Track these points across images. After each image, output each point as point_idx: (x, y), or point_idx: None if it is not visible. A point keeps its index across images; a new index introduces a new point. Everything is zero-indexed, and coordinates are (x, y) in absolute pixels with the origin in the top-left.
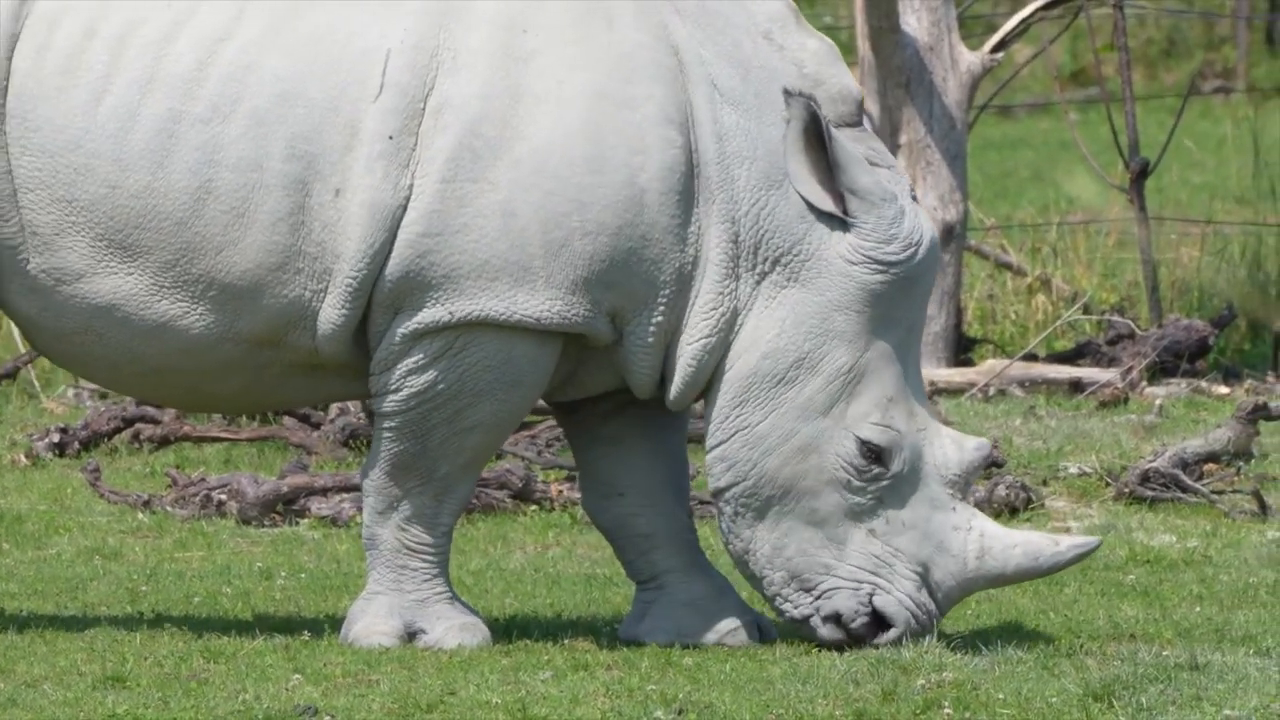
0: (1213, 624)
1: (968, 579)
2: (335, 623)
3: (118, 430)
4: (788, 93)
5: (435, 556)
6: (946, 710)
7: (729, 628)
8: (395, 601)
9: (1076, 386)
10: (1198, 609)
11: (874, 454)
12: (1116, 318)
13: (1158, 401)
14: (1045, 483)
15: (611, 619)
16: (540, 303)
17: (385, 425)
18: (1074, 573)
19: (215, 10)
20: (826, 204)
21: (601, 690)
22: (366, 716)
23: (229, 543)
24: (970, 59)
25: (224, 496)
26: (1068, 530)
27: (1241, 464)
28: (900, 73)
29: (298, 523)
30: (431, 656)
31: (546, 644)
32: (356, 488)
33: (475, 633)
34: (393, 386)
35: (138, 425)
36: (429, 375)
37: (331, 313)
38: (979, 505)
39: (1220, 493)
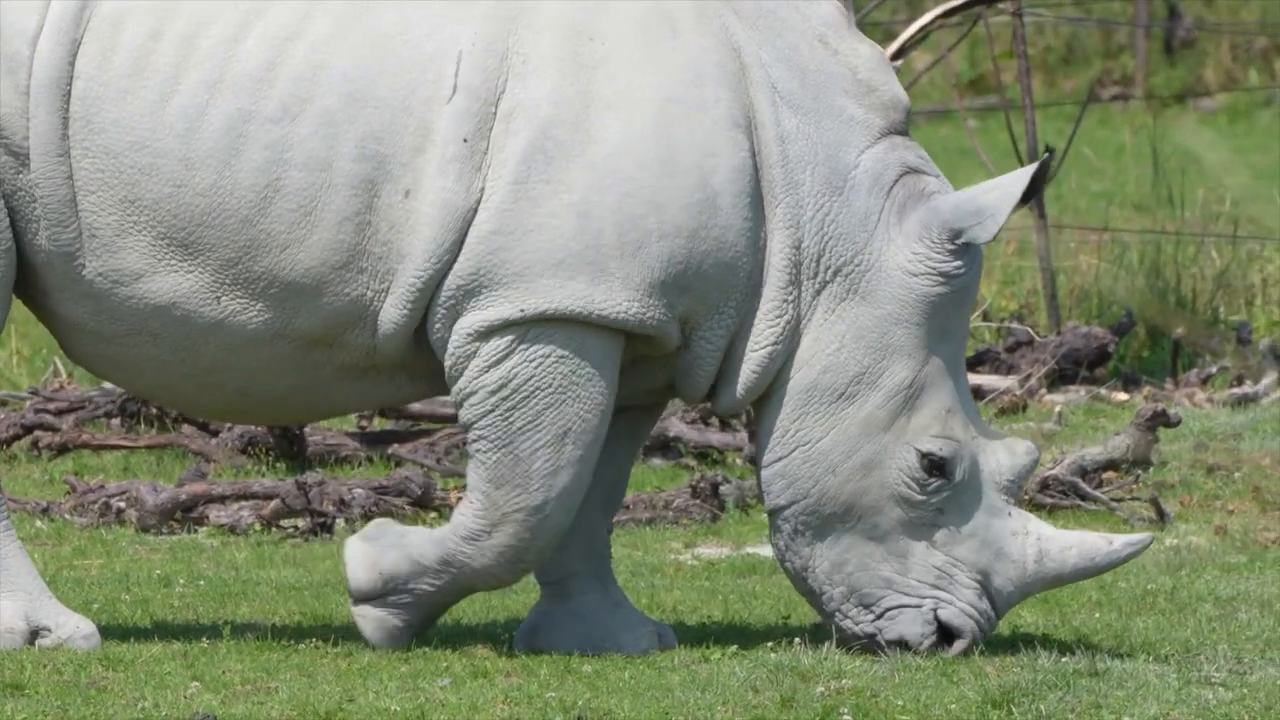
0: (1112, 630)
1: (1026, 583)
2: (234, 630)
3: (16, 438)
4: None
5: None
6: (846, 717)
7: (627, 639)
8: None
9: (976, 394)
10: (1097, 615)
11: (937, 466)
12: (1015, 325)
13: (1057, 409)
14: None
15: (511, 625)
16: (618, 302)
17: (474, 437)
18: None
19: (284, 10)
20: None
21: (500, 697)
22: None
23: (128, 550)
24: None
25: (123, 504)
26: None
27: (1141, 471)
28: None
29: (196, 530)
30: (331, 663)
31: (445, 651)
32: (255, 496)
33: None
34: (469, 389)
35: (36, 433)
36: (501, 370)
37: (393, 312)
38: None
39: (1119, 500)
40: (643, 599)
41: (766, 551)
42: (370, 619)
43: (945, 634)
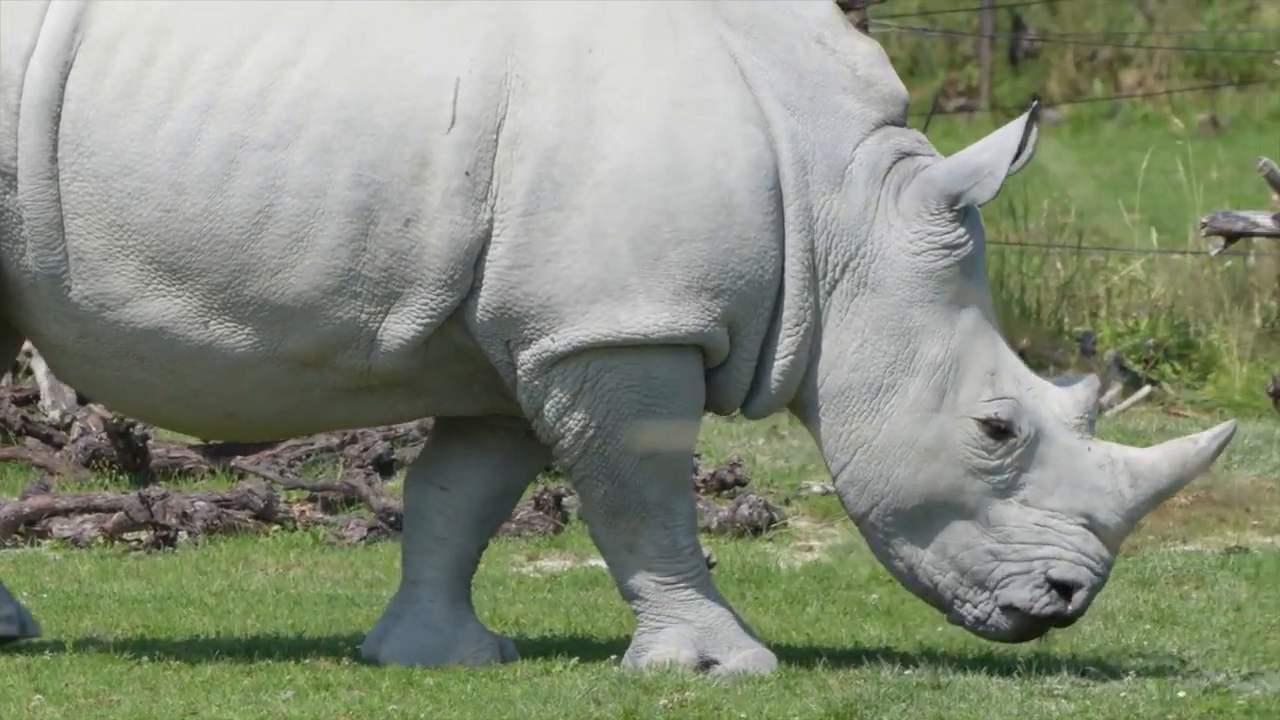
0: (955, 643)
1: (1129, 509)
2: (77, 643)
3: None
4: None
5: (694, 580)
6: None
7: (470, 650)
8: (683, 631)
9: None
10: (940, 628)
11: (1001, 429)
12: None
13: None
14: (788, 501)
15: (353, 639)
16: (644, 318)
17: (577, 476)
18: (816, 591)
19: (278, 36)
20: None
21: (343, 710)
22: None
23: None
24: None
25: None
26: (810, 549)
27: None
28: None
29: (39, 543)
30: (174, 676)
31: (288, 664)
32: (98, 509)
33: (765, 662)
34: (557, 433)
35: None
36: (579, 414)
37: (401, 328)
38: (722, 526)
39: None
40: (485, 611)
41: None
42: (736, 665)
43: (1064, 591)
